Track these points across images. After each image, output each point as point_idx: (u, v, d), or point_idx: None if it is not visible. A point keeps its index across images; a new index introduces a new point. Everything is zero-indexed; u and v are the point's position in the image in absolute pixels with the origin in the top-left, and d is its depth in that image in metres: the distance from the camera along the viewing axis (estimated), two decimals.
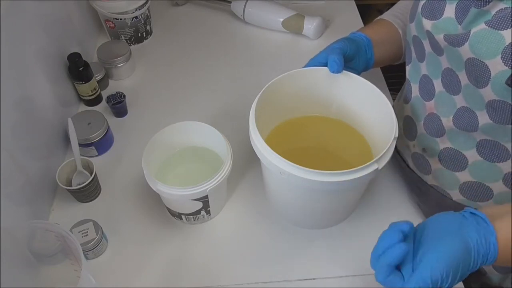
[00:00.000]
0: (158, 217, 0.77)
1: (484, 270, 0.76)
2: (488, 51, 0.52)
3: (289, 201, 0.71)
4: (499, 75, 0.51)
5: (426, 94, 0.67)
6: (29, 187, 0.72)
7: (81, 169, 0.78)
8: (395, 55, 0.80)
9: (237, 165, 0.79)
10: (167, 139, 0.74)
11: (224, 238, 0.75)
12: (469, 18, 0.54)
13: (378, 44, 0.76)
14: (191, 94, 0.97)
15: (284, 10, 1.07)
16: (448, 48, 0.58)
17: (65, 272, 0.66)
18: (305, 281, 0.69)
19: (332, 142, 0.77)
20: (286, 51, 1.06)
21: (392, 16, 0.79)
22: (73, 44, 0.93)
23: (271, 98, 0.69)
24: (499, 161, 0.62)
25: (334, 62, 0.67)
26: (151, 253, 0.73)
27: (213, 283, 0.69)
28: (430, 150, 0.70)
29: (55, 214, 0.78)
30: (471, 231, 0.51)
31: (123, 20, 1.01)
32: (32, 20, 0.76)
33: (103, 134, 0.83)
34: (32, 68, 0.76)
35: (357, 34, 0.76)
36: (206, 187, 0.66)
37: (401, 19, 0.78)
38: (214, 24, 1.13)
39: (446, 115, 0.64)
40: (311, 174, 0.57)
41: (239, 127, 0.79)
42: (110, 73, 0.99)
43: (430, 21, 0.60)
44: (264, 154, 0.60)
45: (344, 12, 1.14)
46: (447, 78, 0.61)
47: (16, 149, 0.68)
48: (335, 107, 0.75)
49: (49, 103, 0.81)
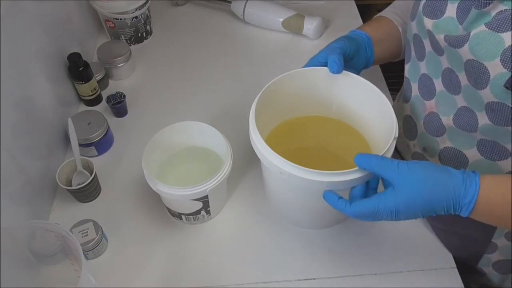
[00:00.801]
0: (158, 217, 0.77)
1: (483, 270, 0.76)
2: (487, 53, 0.52)
3: (289, 201, 0.71)
4: (498, 77, 0.51)
5: (426, 93, 0.67)
6: (29, 187, 0.72)
7: (81, 169, 0.78)
8: (394, 53, 0.80)
9: (237, 165, 0.78)
10: (167, 139, 0.74)
11: (224, 238, 0.75)
12: (470, 19, 0.54)
13: (378, 42, 0.76)
14: (191, 94, 0.97)
15: (284, 10, 1.07)
16: (448, 49, 0.58)
17: (65, 272, 0.66)
18: (305, 281, 0.69)
19: (332, 142, 0.77)
20: (286, 51, 1.06)
21: (392, 13, 0.79)
22: (73, 44, 0.93)
23: (271, 98, 0.69)
24: (499, 159, 0.62)
25: (334, 63, 0.67)
26: (151, 253, 0.73)
27: (213, 283, 0.69)
28: (430, 150, 0.70)
29: (55, 214, 0.78)
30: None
31: (123, 20, 1.01)
32: (32, 20, 0.76)
33: (103, 134, 0.83)
34: (32, 68, 0.76)
35: (357, 32, 0.76)
36: (206, 187, 0.66)
37: (400, 16, 0.78)
38: (214, 24, 1.13)
39: (447, 114, 0.63)
40: (311, 174, 0.57)
41: (239, 127, 0.79)
42: (110, 73, 0.99)
43: (431, 20, 0.60)
44: (264, 154, 0.60)
45: (344, 12, 1.14)
46: (448, 78, 0.61)
47: (16, 149, 0.68)
48: (335, 107, 0.75)
49: (49, 103, 0.81)
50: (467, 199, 0.51)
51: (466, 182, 0.52)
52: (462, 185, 0.51)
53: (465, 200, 0.51)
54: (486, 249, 0.72)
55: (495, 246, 0.71)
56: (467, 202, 0.51)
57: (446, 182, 0.52)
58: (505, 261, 0.73)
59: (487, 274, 0.77)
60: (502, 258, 0.73)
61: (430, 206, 0.52)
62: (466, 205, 0.52)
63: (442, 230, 0.73)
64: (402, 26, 0.77)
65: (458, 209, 0.52)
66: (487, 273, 0.76)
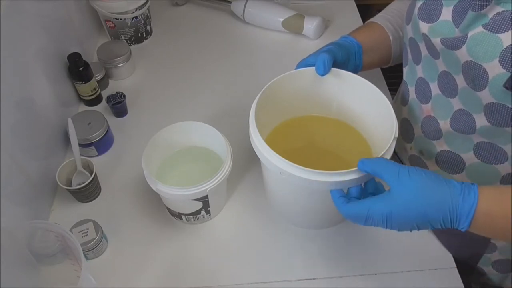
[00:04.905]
0: (158, 217, 0.77)
1: (483, 270, 0.76)
2: (485, 54, 0.52)
3: (289, 201, 0.71)
4: (497, 78, 0.51)
5: (423, 97, 0.67)
6: (29, 187, 0.72)
7: (81, 169, 0.78)
8: (383, 61, 0.80)
9: (237, 165, 0.78)
10: (167, 139, 0.74)
11: (224, 238, 0.75)
12: (467, 22, 0.54)
13: (368, 51, 0.75)
14: (191, 94, 0.97)
15: (284, 10, 1.07)
16: (445, 51, 0.58)
17: (65, 272, 0.66)
18: (305, 281, 0.69)
19: (332, 142, 0.77)
20: (286, 51, 1.06)
21: (384, 20, 0.78)
22: (73, 44, 0.93)
23: (271, 98, 0.69)
24: (496, 163, 0.62)
25: (321, 64, 0.67)
26: (151, 253, 0.73)
27: (213, 283, 0.69)
28: (427, 153, 0.70)
29: (55, 214, 0.78)
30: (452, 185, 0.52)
31: (123, 20, 1.01)
32: (32, 20, 0.76)
33: (103, 134, 0.83)
34: (32, 68, 0.76)
35: (348, 39, 0.75)
36: (206, 187, 0.66)
37: (392, 23, 0.77)
38: (214, 24, 1.13)
39: (443, 118, 0.63)
40: (311, 174, 0.57)
41: (239, 127, 0.79)
42: (110, 73, 0.99)
43: (427, 23, 0.60)
44: (264, 154, 0.60)
45: (344, 12, 1.14)
46: (444, 81, 0.61)
47: (16, 149, 0.68)
48: (335, 107, 0.75)
49: (49, 103, 0.81)
50: (465, 210, 0.49)
51: (464, 192, 0.50)
52: (460, 195, 0.50)
53: (463, 211, 0.50)
54: (486, 249, 0.72)
55: (495, 246, 0.71)
56: (465, 213, 0.50)
57: (444, 192, 0.50)
58: (505, 261, 0.73)
59: (487, 274, 0.77)
60: (502, 257, 0.73)
61: (425, 215, 0.50)
62: (464, 216, 0.50)
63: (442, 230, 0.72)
64: (393, 34, 0.77)
65: (456, 221, 0.50)
66: (487, 272, 0.76)
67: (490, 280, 0.77)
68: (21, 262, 0.65)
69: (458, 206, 0.50)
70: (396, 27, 0.77)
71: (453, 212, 0.50)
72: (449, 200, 0.50)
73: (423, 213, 0.50)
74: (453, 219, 0.50)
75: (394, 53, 0.78)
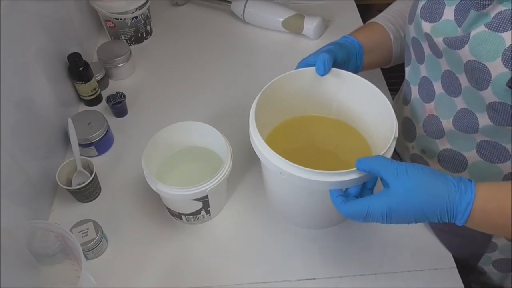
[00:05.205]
0: (158, 217, 0.77)
1: (484, 269, 0.76)
2: (488, 53, 0.52)
3: (289, 201, 0.71)
4: (500, 77, 0.51)
5: (426, 96, 0.67)
6: (29, 187, 0.72)
7: (81, 169, 0.78)
8: (384, 61, 0.79)
9: (237, 165, 0.78)
10: (167, 139, 0.74)
11: (224, 238, 0.75)
12: (469, 21, 0.54)
13: (369, 51, 0.75)
14: (191, 94, 0.97)
15: (284, 10, 1.07)
16: (447, 51, 0.58)
17: (65, 272, 0.66)
18: (305, 281, 0.69)
19: (332, 142, 0.77)
20: (286, 51, 1.06)
21: (385, 20, 0.78)
22: (73, 44, 0.93)
23: (271, 98, 0.69)
24: (499, 162, 0.62)
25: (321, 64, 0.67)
26: (151, 253, 0.73)
27: (213, 283, 0.69)
28: (429, 152, 0.70)
29: (55, 214, 0.78)
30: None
31: (123, 20, 1.01)
32: (32, 20, 0.76)
33: (103, 134, 0.83)
34: (32, 68, 0.76)
35: (349, 39, 0.75)
36: (206, 187, 0.66)
37: (393, 24, 0.77)
38: (214, 24, 1.13)
39: (446, 117, 0.63)
40: (311, 174, 0.57)
41: (239, 127, 0.79)
42: (110, 73, 0.99)
43: (429, 23, 0.60)
44: (264, 154, 0.60)
45: (344, 12, 1.14)
46: (447, 80, 0.61)
47: (16, 149, 0.68)
48: (335, 107, 0.75)
49: (49, 103, 0.81)
50: (462, 206, 0.50)
51: (461, 189, 0.51)
52: (457, 192, 0.50)
53: (460, 207, 0.50)
54: (486, 248, 0.72)
55: (495, 245, 0.71)
56: (462, 210, 0.50)
57: (441, 188, 0.51)
58: (506, 260, 0.73)
59: (487, 273, 0.77)
60: (502, 256, 0.73)
61: (423, 210, 0.51)
62: (461, 213, 0.50)
63: (442, 230, 0.73)
64: (394, 34, 0.77)
65: (453, 216, 0.51)
66: (488, 271, 0.76)
67: (491, 279, 0.77)
68: (21, 262, 0.65)
69: (455, 203, 0.50)
70: (397, 27, 0.77)
71: (450, 209, 0.51)
72: (446, 196, 0.51)
73: (421, 209, 0.51)
74: (450, 215, 0.51)
75: (395, 53, 0.78)
